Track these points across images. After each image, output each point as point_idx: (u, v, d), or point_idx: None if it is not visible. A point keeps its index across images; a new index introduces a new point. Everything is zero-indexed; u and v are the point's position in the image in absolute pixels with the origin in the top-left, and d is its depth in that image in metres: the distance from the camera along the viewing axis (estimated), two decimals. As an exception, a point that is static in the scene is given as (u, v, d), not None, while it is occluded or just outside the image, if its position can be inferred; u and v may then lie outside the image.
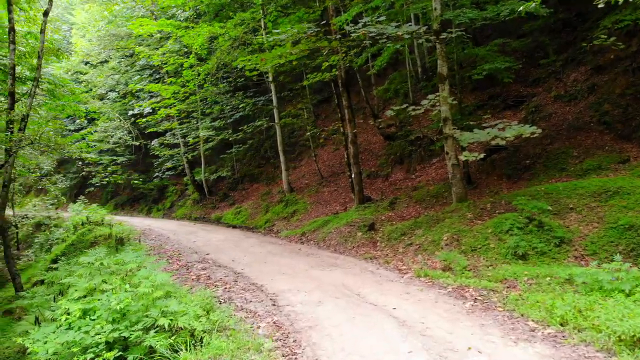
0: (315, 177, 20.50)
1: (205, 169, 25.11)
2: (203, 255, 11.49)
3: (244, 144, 24.32)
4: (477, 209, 10.93)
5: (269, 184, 22.53)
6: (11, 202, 24.82)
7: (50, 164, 25.18)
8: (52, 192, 23.49)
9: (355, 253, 11.14)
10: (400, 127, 19.82)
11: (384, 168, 18.69)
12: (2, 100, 14.29)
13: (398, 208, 14.37)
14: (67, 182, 30.53)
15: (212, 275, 8.73)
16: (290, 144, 23.61)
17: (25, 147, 9.94)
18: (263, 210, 20.00)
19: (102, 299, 4.98)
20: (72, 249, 16.13)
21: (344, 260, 10.16)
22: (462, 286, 7.54)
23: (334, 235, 12.88)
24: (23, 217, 24.79)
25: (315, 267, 9.32)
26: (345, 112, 15.53)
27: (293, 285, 7.82)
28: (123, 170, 31.40)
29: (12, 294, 13.84)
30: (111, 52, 28.38)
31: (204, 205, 24.81)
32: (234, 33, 16.59)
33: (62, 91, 14.71)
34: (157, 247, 13.26)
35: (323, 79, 14.65)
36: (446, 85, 11.64)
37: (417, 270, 8.75)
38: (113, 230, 15.00)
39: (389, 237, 11.79)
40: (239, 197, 23.45)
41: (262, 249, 12.12)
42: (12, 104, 11.31)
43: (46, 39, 13.12)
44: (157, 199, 30.12)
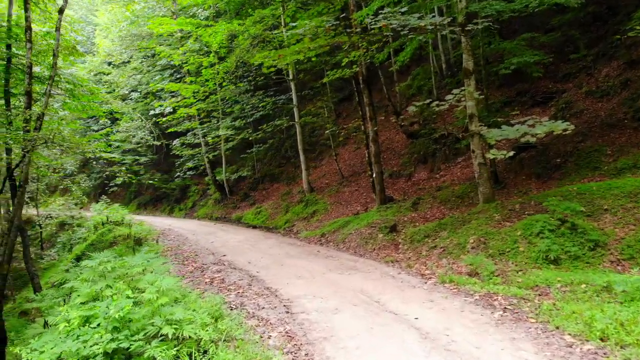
0: (335, 176, 20.09)
1: (226, 169, 24.97)
2: (219, 256, 11.22)
3: (264, 143, 24.10)
4: (505, 210, 10.35)
5: (290, 184, 22.22)
6: (35, 202, 25.18)
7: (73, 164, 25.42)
8: (75, 192, 23.65)
9: (376, 256, 10.69)
10: (423, 125, 19.24)
11: (406, 167, 18.15)
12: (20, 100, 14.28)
13: (421, 209, 13.84)
14: (90, 182, 30.87)
15: (226, 278, 8.41)
16: (311, 143, 23.25)
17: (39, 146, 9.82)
18: (283, 211, 19.69)
19: (102, 306, 4.68)
20: (92, 248, 16.12)
21: (364, 263, 9.72)
22: (490, 293, 7.03)
23: (354, 236, 12.45)
24: (47, 216, 25.07)
25: (334, 271, 8.91)
26: (366, 109, 15.07)
27: (309, 290, 7.43)
28: (145, 170, 31.62)
29: (32, 294, 13.88)
30: (133, 52, 28.55)
31: (225, 205, 24.67)
32: (253, 31, 16.33)
33: (81, 91, 14.64)
34: (174, 247, 13.06)
35: (343, 75, 14.22)
36: (472, 81, 11.10)
37: (442, 275, 8.26)
38: (132, 231, 14.90)
39: (411, 239, 11.30)
40: (259, 197, 23.21)
41: (280, 250, 11.78)
42: (29, 103, 11.24)
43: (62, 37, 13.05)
44: (180, 198, 30.18)
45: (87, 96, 14.82)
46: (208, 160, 25.30)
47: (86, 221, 21.94)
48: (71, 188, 23.97)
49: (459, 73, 18.05)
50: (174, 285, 5.51)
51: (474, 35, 12.52)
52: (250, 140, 23.64)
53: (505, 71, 13.54)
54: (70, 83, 14.24)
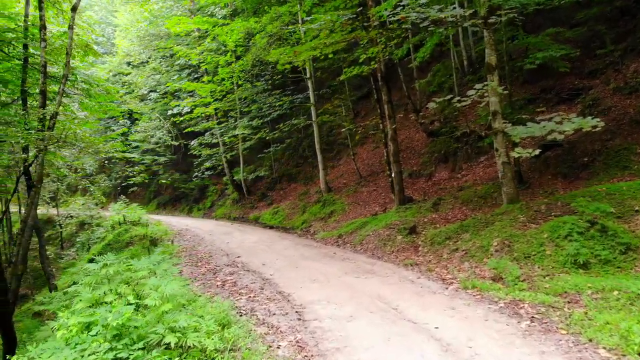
0: (353, 176, 19.71)
1: (243, 169, 24.81)
2: (234, 258, 10.97)
3: (281, 143, 23.87)
4: (531, 211, 9.85)
5: (307, 184, 21.93)
6: (56, 202, 25.44)
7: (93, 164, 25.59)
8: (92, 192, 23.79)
9: (395, 258, 10.30)
10: (444, 123, 18.73)
11: (426, 167, 17.67)
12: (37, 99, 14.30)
13: (442, 210, 13.38)
14: (109, 182, 31.12)
15: (238, 281, 8.14)
16: (329, 142, 22.92)
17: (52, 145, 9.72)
18: (300, 211, 19.40)
19: (101, 312, 4.43)
20: (109, 249, 16.09)
21: (382, 266, 9.34)
22: (516, 300, 6.60)
23: (372, 238, 12.07)
24: (67, 216, 25.32)
25: (350, 274, 8.56)
26: (384, 107, 14.67)
27: (323, 294, 7.09)
28: (164, 170, 31.74)
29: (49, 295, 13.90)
30: (152, 52, 28.64)
31: (242, 205, 24.51)
32: (270, 28, 16.08)
33: (97, 91, 14.59)
34: (189, 248, 12.87)
35: (361, 72, 13.84)
36: (495, 76, 10.61)
37: (464, 280, 7.85)
38: (147, 231, 14.80)
39: (432, 241, 10.87)
40: (276, 197, 22.98)
41: (296, 252, 11.47)
42: (43, 102, 11.18)
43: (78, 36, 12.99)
44: (198, 198, 30.18)
45: (103, 96, 14.76)
46: (226, 160, 25.19)
47: (105, 221, 22.04)
48: (89, 188, 24.12)
49: (481, 70, 17.50)
50: (180, 290, 5.22)
51: (497, 29, 12.00)
52: (267, 139, 23.43)
53: (530, 66, 13.02)
54: (87, 83, 14.19)
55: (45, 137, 8.94)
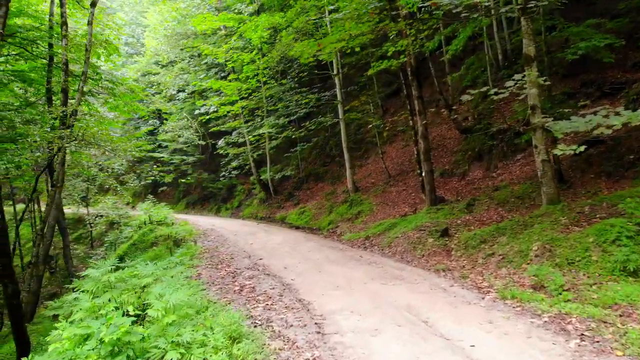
0: (382, 175, 19.03)
1: (270, 168, 24.47)
2: (255, 260, 10.52)
3: (308, 142, 23.40)
4: (573, 213, 9.04)
5: (334, 184, 21.38)
6: (86, 202, 25.71)
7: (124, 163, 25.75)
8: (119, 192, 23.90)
9: (425, 263, 9.64)
10: (478, 120, 17.83)
11: (459, 165, 16.84)
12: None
13: (476, 211, 12.61)
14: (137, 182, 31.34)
15: (257, 286, 7.66)
16: (356, 141, 22.29)
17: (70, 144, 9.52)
18: (327, 211, 18.86)
19: (96, 325, 4.00)
20: (134, 248, 15.99)
21: (411, 272, 8.70)
22: (562, 314, 5.88)
23: (401, 240, 11.42)
24: (97, 216, 25.54)
25: (376, 280, 7.95)
26: (414, 103, 13.97)
27: (346, 303, 6.52)
28: (193, 169, 31.77)
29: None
30: (180, 52, 28.66)
31: (269, 204, 24.17)
32: (296, 24, 15.60)
33: (121, 89, 14.43)
34: (212, 249, 12.52)
35: (390, 66, 13.19)
36: (534, 68, 9.81)
37: (501, 288, 7.14)
38: (172, 231, 14.56)
39: (465, 244, 10.16)
40: (303, 196, 22.52)
41: (320, 254, 10.93)
42: (65, 100, 11.01)
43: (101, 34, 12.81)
44: (226, 198, 30.05)
45: (128, 95, 14.61)
46: (253, 160, 24.91)
47: (132, 220, 22.07)
48: (116, 188, 24.24)
49: (517, 64, 16.60)
50: (188, 299, 4.75)
51: (535, 18, 11.18)
52: (294, 138, 23.01)
53: (572, 56, 12.10)
54: (111, 82, 14.05)
55: (62, 135, 8.71)
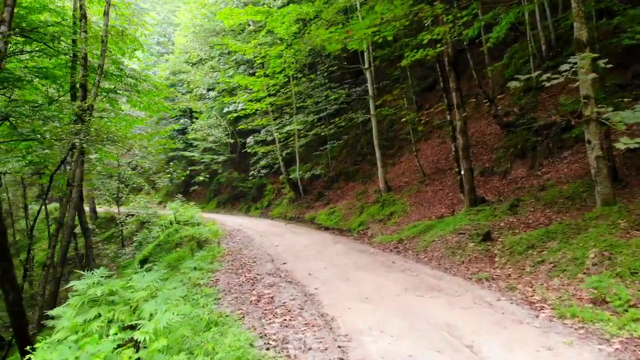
0: (416, 174, 17.99)
1: (299, 167, 23.79)
2: (279, 264, 9.77)
3: (338, 140, 22.56)
4: (633, 216, 7.92)
5: (365, 183, 20.47)
6: (117, 201, 25.68)
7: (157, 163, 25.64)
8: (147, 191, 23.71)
9: (465, 271, 8.66)
10: (521, 114, 16.58)
11: (500, 163, 15.66)
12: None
13: (521, 212, 11.49)
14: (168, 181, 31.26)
15: (276, 296, 6.88)
16: (389, 138, 21.29)
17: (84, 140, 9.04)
18: (357, 211, 17.99)
19: (65, 353, 3.30)
20: (159, 249, 15.55)
21: (450, 281, 7.74)
22: (635, 338, 4.85)
23: (438, 244, 10.44)
24: (127, 215, 25.46)
25: (411, 291, 7.05)
26: (452, 95, 12.94)
27: (375, 321, 5.65)
28: (223, 168, 31.48)
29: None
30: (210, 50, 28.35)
31: (299, 204, 23.49)
32: (325, 14, 14.78)
33: (145, 86, 13.98)
34: (235, 251, 11.88)
35: (425, 56, 12.23)
36: (587, 54, 8.68)
37: (557, 304, 6.13)
38: (196, 232, 14.02)
39: (510, 250, 9.13)
40: (333, 196, 21.71)
41: (348, 259, 10.08)
42: (83, 96, 10.57)
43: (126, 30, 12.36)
44: (256, 197, 29.56)
45: (152, 92, 14.15)
46: (282, 158, 24.30)
47: (160, 220, 21.80)
48: (144, 187, 24.07)
49: (561, 54, 15.32)
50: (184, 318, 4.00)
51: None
52: (324, 136, 22.24)
53: (629, 41, 10.87)
54: (133, 78, 13.61)
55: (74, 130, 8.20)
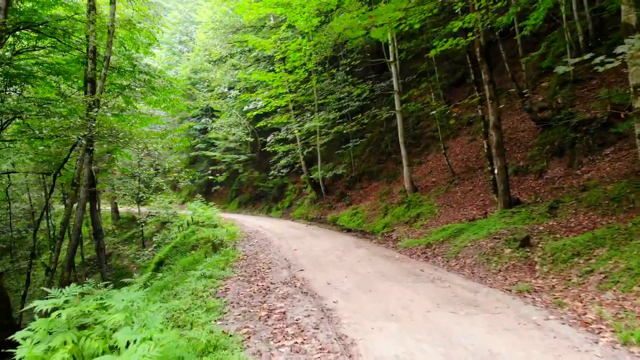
0: (444, 174, 17.00)
1: (321, 166, 23.01)
2: (295, 271, 9.00)
3: (362, 138, 21.67)
4: (694, 220, 6.91)
5: (390, 183, 19.55)
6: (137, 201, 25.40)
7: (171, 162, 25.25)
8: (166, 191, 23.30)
9: (503, 280, 7.74)
10: (557, 109, 15.43)
11: (535, 162, 14.57)
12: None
13: (562, 215, 10.47)
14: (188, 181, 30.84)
15: (289, 311, 6.10)
16: (415, 136, 20.31)
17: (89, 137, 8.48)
18: (381, 213, 17.10)
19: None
20: (175, 251, 15.01)
21: (488, 295, 6.82)
22: None
23: (471, 251, 9.52)
24: (148, 215, 25.15)
25: (443, 306, 6.17)
26: (485, 88, 11.96)
27: (404, 345, 4.79)
28: (244, 168, 30.97)
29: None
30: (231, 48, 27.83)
31: (320, 205, 22.72)
32: (347, 4, 13.98)
33: (160, 82, 13.42)
34: (250, 255, 11.17)
35: (455, 45, 11.27)
36: (637, 40, 7.64)
37: (617, 325, 5.20)
38: (212, 234, 13.40)
39: (553, 257, 8.18)
40: (356, 196, 20.86)
41: (372, 266, 9.23)
42: (92, 90, 10.00)
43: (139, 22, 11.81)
44: (277, 197, 28.92)
45: (167, 89, 13.59)
46: (303, 157, 23.56)
47: (179, 221, 21.36)
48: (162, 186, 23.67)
49: (601, 45, 14.18)
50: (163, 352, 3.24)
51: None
52: (346, 134, 21.41)
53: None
54: (147, 74, 13.06)
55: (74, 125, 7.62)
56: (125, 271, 24.28)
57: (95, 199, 13.29)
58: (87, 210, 18.98)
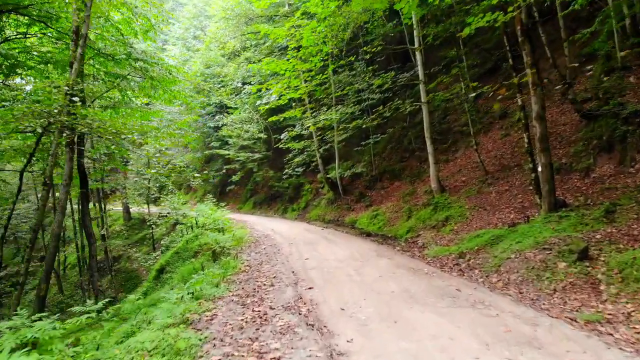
0: (475, 172, 15.32)
1: (339, 165, 21.49)
2: (303, 289, 7.50)
3: (383, 134, 20.07)
4: None
5: (413, 182, 17.92)
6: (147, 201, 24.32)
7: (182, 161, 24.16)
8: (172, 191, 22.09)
9: (562, 305, 6.15)
10: (605, 100, 13.64)
11: (580, 158, 12.84)
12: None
13: (621, 221, 8.80)
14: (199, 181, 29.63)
15: (286, 355, 4.58)
16: (441, 131, 18.61)
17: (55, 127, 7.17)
18: (404, 215, 15.51)
19: None
20: (177, 257, 13.73)
21: (551, 328, 5.23)
22: None
23: (516, 264, 7.92)
24: (159, 216, 24.01)
25: (495, 349, 4.61)
26: (527, 72, 10.29)
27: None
28: (258, 167, 29.69)
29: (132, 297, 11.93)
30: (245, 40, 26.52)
31: (338, 206, 21.23)
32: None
33: (158, 71, 12.10)
34: (254, 266, 9.75)
35: (493, 22, 9.64)
36: None
37: None
38: (215, 240, 12.04)
39: (622, 275, 6.58)
40: (376, 197, 19.29)
41: (396, 283, 7.68)
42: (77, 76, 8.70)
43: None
44: (293, 197, 27.49)
45: (166, 78, 12.25)
46: (320, 155, 22.08)
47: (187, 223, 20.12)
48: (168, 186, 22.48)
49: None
50: None
51: None
52: (366, 129, 19.80)
53: None
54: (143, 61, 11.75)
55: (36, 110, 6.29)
56: (134, 274, 23.22)
57: (87, 200, 12.06)
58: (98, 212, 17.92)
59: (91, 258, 11.45)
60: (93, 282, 11.11)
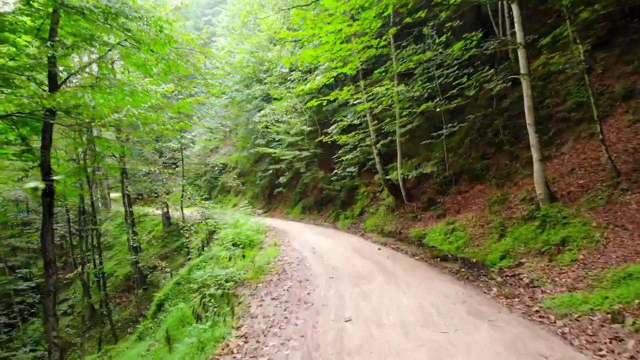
0: (598, 172, 10.74)
1: (402, 164, 17.36)
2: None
3: (460, 123, 15.63)
4: None
5: (502, 186, 13.49)
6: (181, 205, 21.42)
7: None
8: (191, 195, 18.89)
9: None
10: None
11: None
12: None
13: None
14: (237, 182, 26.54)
15: None
16: (540, 119, 13.97)
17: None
18: (495, 232, 11.22)
19: None
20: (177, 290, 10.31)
21: None
22: None
23: None
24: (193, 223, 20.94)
25: None
26: None
27: None
28: (306, 167, 26.14)
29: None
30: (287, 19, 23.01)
31: (400, 214, 17.13)
32: None
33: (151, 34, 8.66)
34: (251, 338, 5.97)
35: None
36: None
37: None
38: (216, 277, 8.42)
39: None
40: (451, 204, 14.98)
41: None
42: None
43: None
44: (346, 202, 23.55)
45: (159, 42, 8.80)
46: (377, 152, 18.05)
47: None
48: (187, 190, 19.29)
49: None
50: None
51: None
52: (436, 115, 15.51)
53: None
54: (129, 18, 8.35)
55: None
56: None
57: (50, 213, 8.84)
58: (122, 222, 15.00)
59: (45, 296, 8.12)
60: (47, 326, 7.85)
